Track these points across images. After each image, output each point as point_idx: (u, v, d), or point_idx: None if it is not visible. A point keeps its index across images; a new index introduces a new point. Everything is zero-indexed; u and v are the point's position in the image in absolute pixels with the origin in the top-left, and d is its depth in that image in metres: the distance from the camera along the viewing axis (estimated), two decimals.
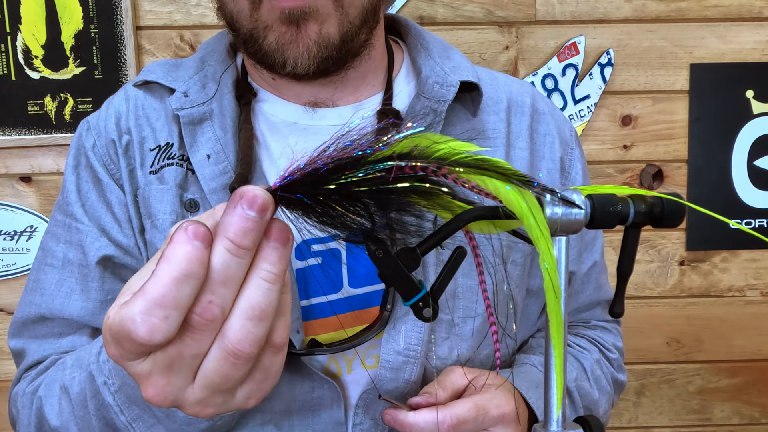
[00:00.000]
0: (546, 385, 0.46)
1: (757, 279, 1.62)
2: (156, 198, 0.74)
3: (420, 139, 0.40)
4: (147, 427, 0.63)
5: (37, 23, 1.44)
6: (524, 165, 0.80)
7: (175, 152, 0.76)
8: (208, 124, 0.75)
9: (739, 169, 1.57)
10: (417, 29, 0.84)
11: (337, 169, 0.39)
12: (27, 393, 0.74)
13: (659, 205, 0.46)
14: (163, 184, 0.75)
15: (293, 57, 0.69)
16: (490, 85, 0.82)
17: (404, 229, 0.43)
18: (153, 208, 0.74)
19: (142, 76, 0.81)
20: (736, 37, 1.54)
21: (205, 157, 0.73)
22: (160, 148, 0.76)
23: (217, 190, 0.73)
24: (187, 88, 0.77)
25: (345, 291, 0.73)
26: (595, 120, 1.55)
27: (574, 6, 1.51)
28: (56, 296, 0.76)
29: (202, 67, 0.79)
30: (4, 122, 1.47)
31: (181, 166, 0.75)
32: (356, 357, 0.73)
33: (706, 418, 1.67)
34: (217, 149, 0.74)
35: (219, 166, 0.73)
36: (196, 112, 0.75)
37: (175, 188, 0.74)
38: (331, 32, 0.69)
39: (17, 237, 1.53)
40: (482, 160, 0.40)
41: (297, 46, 0.68)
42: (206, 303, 0.38)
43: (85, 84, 1.46)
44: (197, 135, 0.75)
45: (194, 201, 0.74)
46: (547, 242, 0.41)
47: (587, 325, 0.91)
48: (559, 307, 0.43)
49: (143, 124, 0.78)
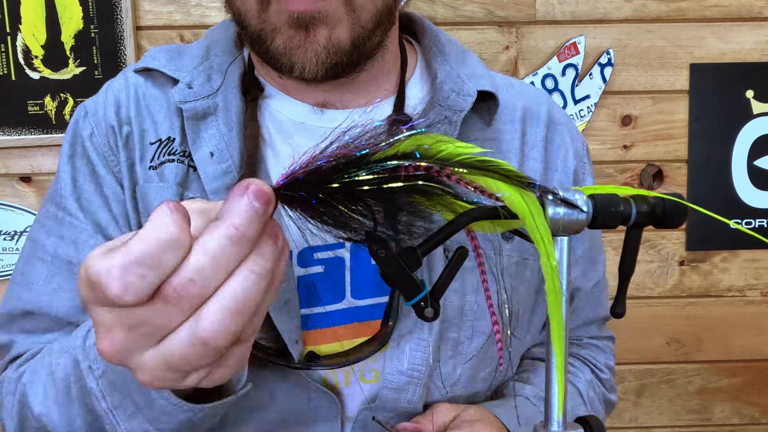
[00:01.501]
0: (546, 385, 0.46)
1: (757, 279, 1.62)
2: (155, 196, 0.72)
3: (423, 139, 0.40)
4: (127, 415, 0.60)
5: (37, 23, 1.44)
6: (537, 176, 0.78)
7: (176, 148, 0.73)
8: (213, 119, 0.72)
9: (739, 169, 1.57)
10: (432, 30, 0.81)
11: (340, 168, 0.39)
12: (12, 379, 0.71)
13: (661, 206, 0.46)
14: (163, 181, 0.72)
15: (301, 62, 0.66)
16: (507, 93, 0.80)
17: (407, 228, 0.43)
18: (152, 207, 0.71)
19: (144, 63, 0.77)
20: (736, 37, 1.54)
21: (208, 154, 0.71)
22: (161, 143, 0.73)
23: (219, 191, 0.70)
24: (192, 79, 0.73)
25: (347, 301, 0.71)
26: (595, 120, 1.55)
27: (574, 6, 1.51)
28: (44, 292, 0.73)
29: (207, 56, 0.75)
30: (4, 122, 1.46)
31: (182, 162, 0.72)
32: (354, 370, 0.72)
33: (706, 418, 1.67)
34: (221, 147, 0.71)
35: (222, 165, 0.70)
36: (200, 106, 0.72)
37: (176, 186, 0.71)
38: (342, 37, 0.66)
39: (17, 237, 1.53)
40: (485, 161, 0.40)
41: (305, 52, 0.66)
42: (186, 280, 0.37)
43: (85, 84, 1.46)
44: (201, 131, 0.71)
45: None
46: (548, 244, 0.41)
47: (579, 344, 0.90)
48: (560, 307, 0.43)
49: (144, 114, 0.74)
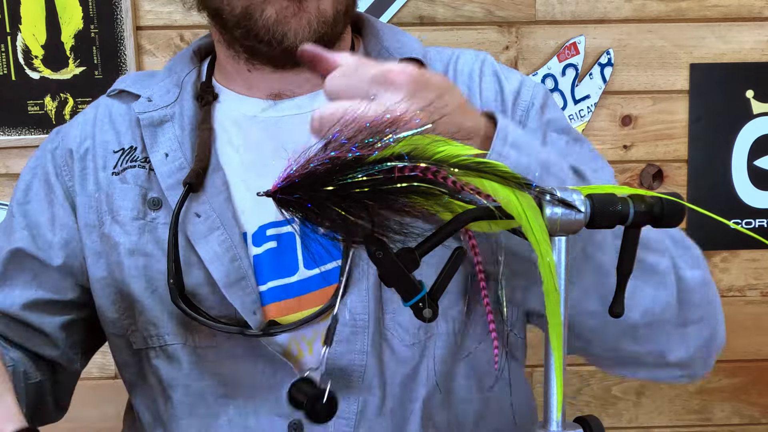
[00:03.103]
0: (546, 385, 0.46)
1: (757, 279, 1.62)
2: (119, 195, 0.78)
3: (419, 140, 0.40)
4: None
5: (37, 23, 1.44)
6: None
7: (138, 155, 0.79)
8: (169, 125, 0.79)
9: (739, 169, 1.57)
10: (371, 21, 0.86)
11: (335, 170, 0.39)
12: None
13: (659, 205, 0.46)
14: (126, 183, 0.79)
15: (294, 30, 0.71)
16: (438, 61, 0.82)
17: (404, 229, 0.43)
18: (115, 204, 0.78)
19: (115, 86, 0.85)
20: (736, 37, 1.54)
21: (163, 156, 0.77)
22: (124, 151, 0.80)
23: (174, 186, 0.76)
24: (151, 93, 0.81)
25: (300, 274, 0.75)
26: (595, 120, 1.55)
27: (574, 6, 1.51)
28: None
29: (169, 74, 0.83)
30: (4, 122, 1.46)
31: (143, 168, 0.79)
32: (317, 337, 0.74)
33: (706, 418, 1.67)
34: (174, 147, 0.78)
35: (175, 162, 0.77)
36: (157, 115, 0.79)
37: (137, 187, 0.78)
38: (328, 9, 0.72)
39: None
40: (480, 162, 0.41)
41: (299, 20, 0.71)
42: None
43: (85, 84, 1.46)
44: (158, 136, 0.78)
45: (157, 199, 0.77)
46: (544, 245, 0.41)
47: None
48: (558, 307, 0.43)
49: (107, 128, 0.82)
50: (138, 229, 0.77)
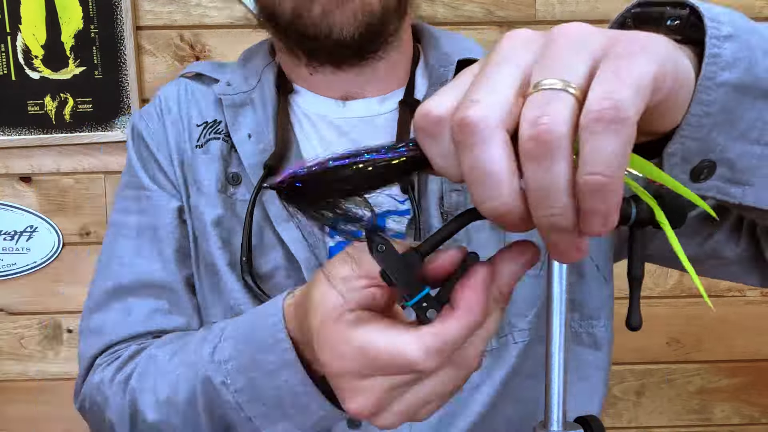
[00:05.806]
0: (546, 385, 0.46)
1: None
2: (203, 166, 0.81)
3: None
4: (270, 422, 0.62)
5: (37, 23, 1.44)
6: None
7: (222, 128, 0.82)
8: (249, 108, 0.81)
9: None
10: (429, 29, 0.88)
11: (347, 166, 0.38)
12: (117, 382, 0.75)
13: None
14: (208, 154, 0.81)
15: (339, 22, 0.72)
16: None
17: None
18: (199, 175, 0.81)
19: (191, 69, 0.89)
20: None
21: (246, 136, 0.80)
22: (207, 124, 0.83)
23: (256, 166, 0.78)
24: (230, 79, 0.84)
25: None
26: None
27: (574, 6, 1.51)
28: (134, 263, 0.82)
29: (244, 65, 0.85)
30: (4, 122, 1.46)
31: (226, 141, 0.81)
32: None
33: (706, 418, 1.67)
34: (258, 130, 0.80)
35: (259, 145, 0.79)
36: (238, 98, 0.82)
37: (220, 159, 0.80)
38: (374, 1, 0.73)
39: (17, 237, 1.53)
40: None
41: (343, 11, 0.72)
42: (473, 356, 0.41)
43: (85, 84, 1.46)
44: (239, 116, 0.81)
45: (237, 174, 0.80)
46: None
47: None
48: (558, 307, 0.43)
49: (191, 103, 0.85)
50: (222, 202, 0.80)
